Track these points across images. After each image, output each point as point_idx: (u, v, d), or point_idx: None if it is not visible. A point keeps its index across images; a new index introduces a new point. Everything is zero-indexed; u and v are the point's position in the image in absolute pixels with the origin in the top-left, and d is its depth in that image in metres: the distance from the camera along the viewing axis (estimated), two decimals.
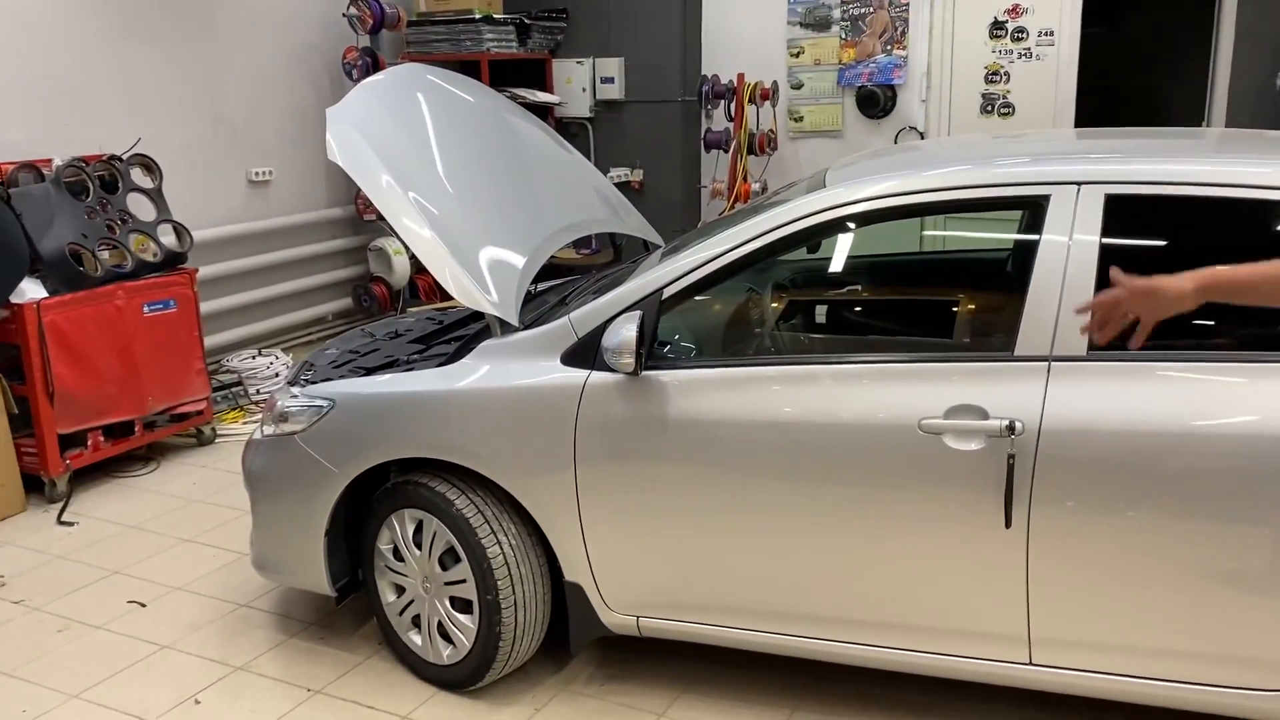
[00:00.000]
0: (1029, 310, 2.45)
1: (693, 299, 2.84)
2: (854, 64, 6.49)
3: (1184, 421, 2.31)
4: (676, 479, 2.69)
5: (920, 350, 2.60)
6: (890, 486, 2.52)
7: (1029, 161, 2.63)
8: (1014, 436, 2.37)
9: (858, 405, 2.54)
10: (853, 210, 2.67)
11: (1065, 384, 2.39)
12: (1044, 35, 6.05)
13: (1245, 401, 2.30)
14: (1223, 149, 2.83)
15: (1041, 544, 2.41)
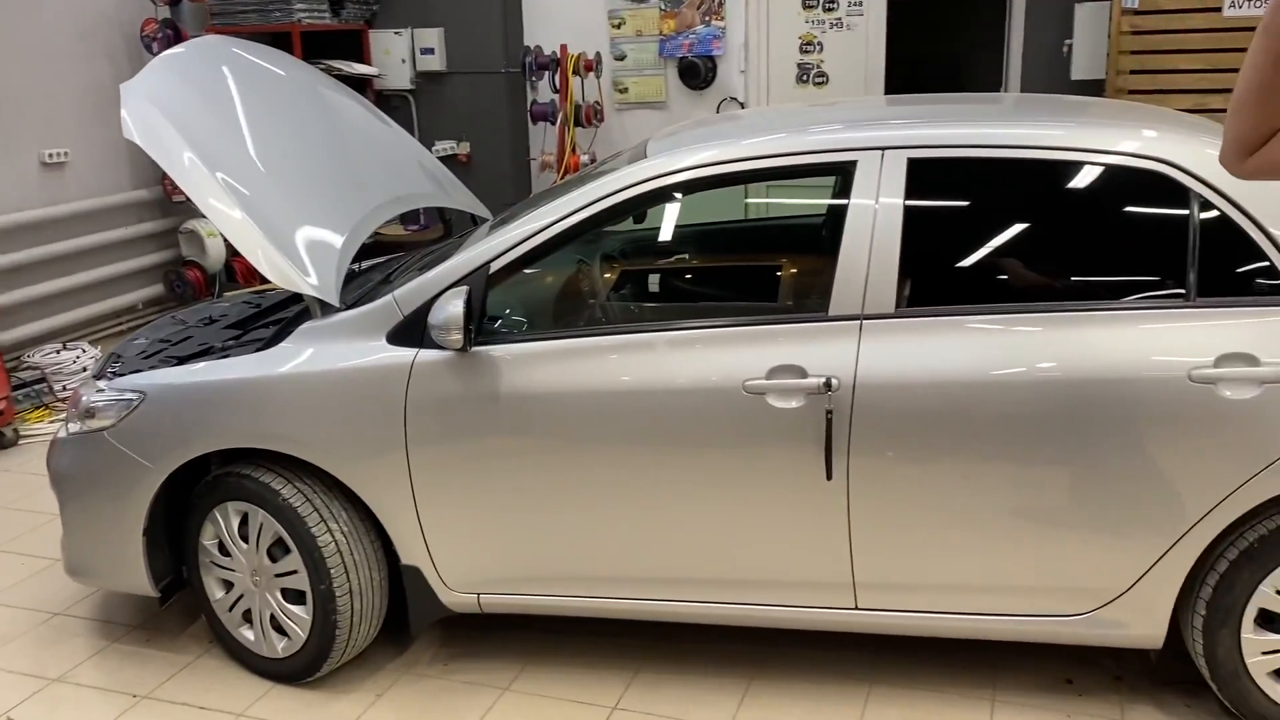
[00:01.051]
0: (841, 272, 2.55)
1: (521, 272, 2.82)
2: (674, 35, 6.56)
3: (989, 370, 2.45)
4: (511, 454, 2.68)
5: (745, 315, 2.66)
6: (719, 446, 2.58)
7: (837, 129, 2.72)
8: (831, 393, 2.47)
9: (685, 370, 2.59)
10: (675, 180, 2.71)
11: (876, 341, 2.50)
12: (854, 6, 6.26)
13: (1044, 350, 2.46)
14: (1018, 113, 3.00)
15: (861, 493, 2.52)
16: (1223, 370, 2.34)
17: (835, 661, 2.94)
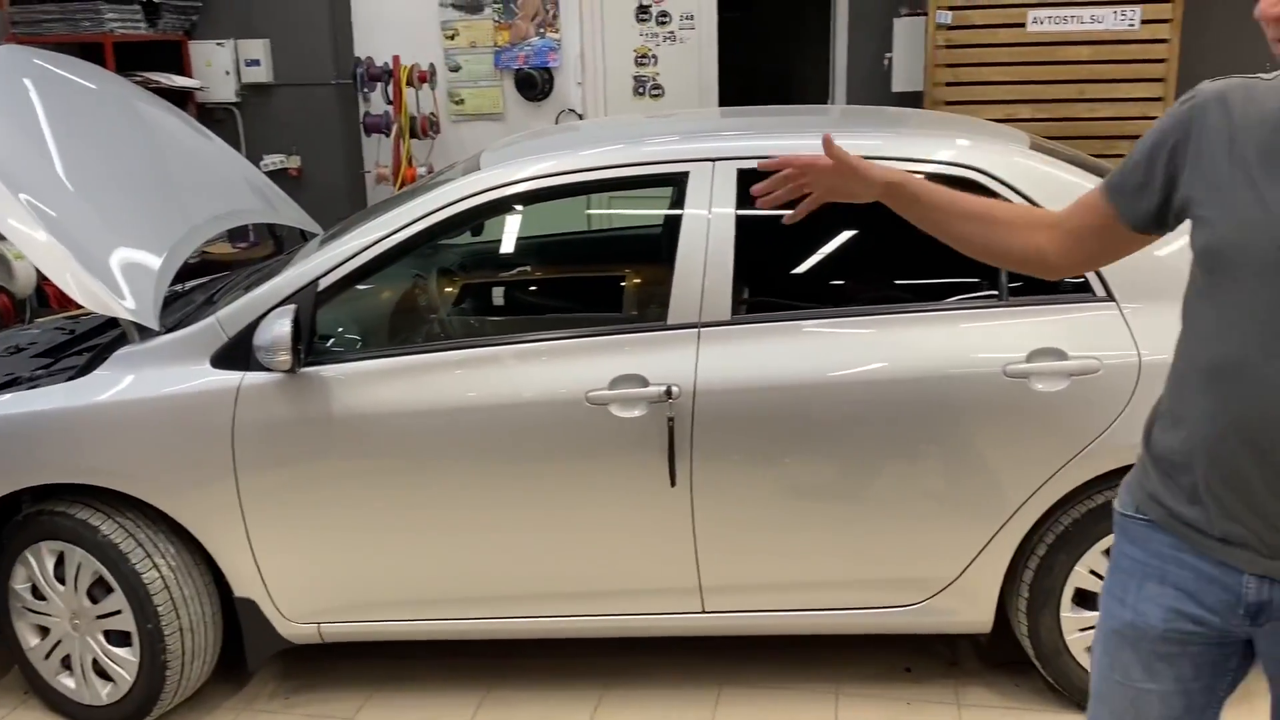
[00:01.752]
0: (677, 281, 2.59)
1: (354, 288, 2.75)
2: (509, 47, 6.53)
3: (822, 372, 2.53)
4: (348, 477, 2.61)
5: (586, 326, 2.67)
6: (564, 459, 2.57)
7: (671, 140, 2.76)
8: (671, 400, 2.50)
9: (527, 383, 2.58)
10: (511, 191, 2.69)
11: (714, 348, 2.55)
12: (685, 19, 6.37)
13: (874, 350, 2.55)
14: (842, 124, 3.11)
15: (705, 498, 2.56)
16: (1034, 365, 2.48)
17: (686, 666, 2.97)
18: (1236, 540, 1.40)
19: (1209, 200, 1.39)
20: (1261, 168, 1.34)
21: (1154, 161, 1.47)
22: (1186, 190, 1.43)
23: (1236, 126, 1.38)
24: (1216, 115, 1.40)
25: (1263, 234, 1.32)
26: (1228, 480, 1.38)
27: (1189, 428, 1.42)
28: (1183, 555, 1.46)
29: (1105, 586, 1.58)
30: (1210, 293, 1.39)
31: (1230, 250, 1.35)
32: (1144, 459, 1.54)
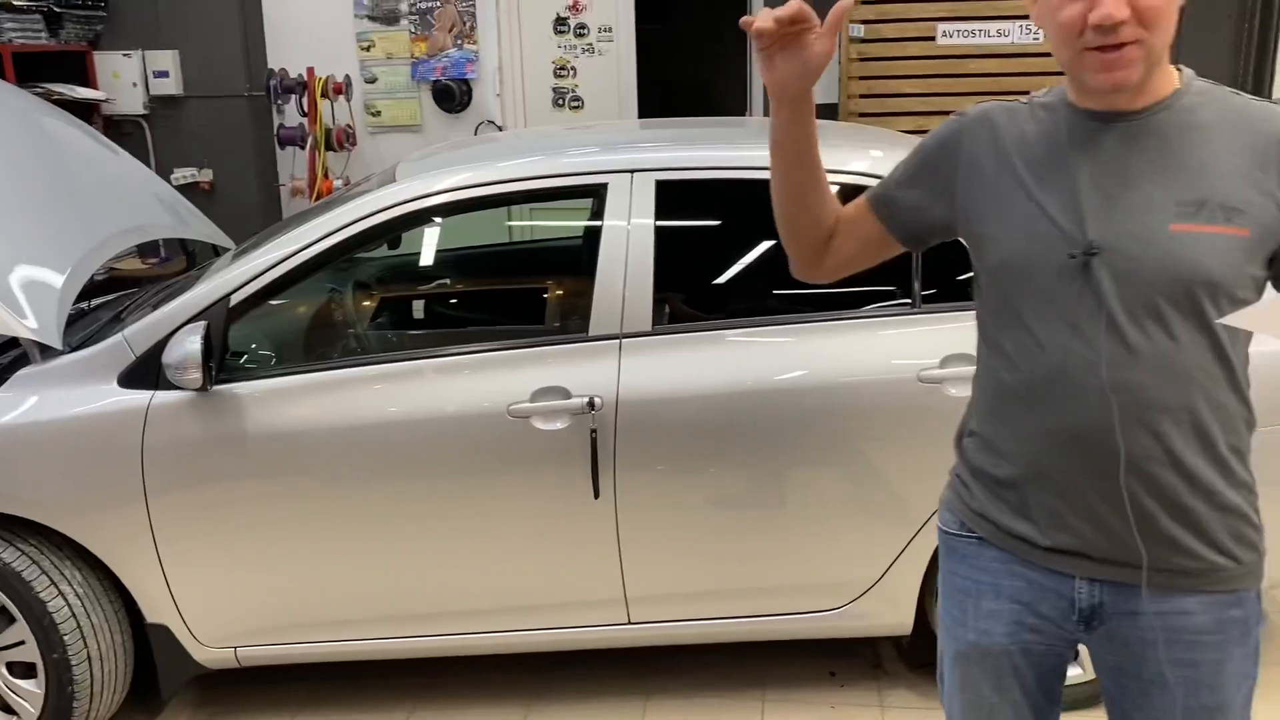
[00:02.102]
0: (599, 293, 2.59)
1: (267, 303, 2.69)
2: (426, 59, 6.47)
3: (744, 381, 2.55)
4: (264, 497, 2.55)
5: (508, 338, 2.65)
6: (486, 473, 2.55)
7: (590, 151, 2.77)
8: (594, 412, 2.50)
9: (448, 398, 2.55)
10: (429, 203, 2.66)
11: (636, 359, 2.55)
12: (604, 31, 6.39)
13: (794, 358, 2.58)
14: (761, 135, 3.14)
15: (628, 509, 2.56)
16: (947, 370, 2.53)
17: (613, 678, 2.96)
18: (1067, 548, 1.42)
19: (991, 217, 1.43)
20: (1035, 182, 1.39)
21: (921, 178, 1.52)
22: (962, 209, 1.47)
23: (1004, 146, 1.43)
24: (985, 135, 1.46)
25: (1053, 244, 1.36)
26: (1059, 491, 1.40)
27: (1013, 445, 1.44)
28: (1014, 567, 1.47)
29: (942, 608, 1.60)
30: (1011, 309, 1.41)
31: (1025, 264, 1.38)
32: (963, 476, 1.55)
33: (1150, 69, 1.32)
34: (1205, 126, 1.35)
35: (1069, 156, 1.38)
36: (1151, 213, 1.33)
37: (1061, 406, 1.37)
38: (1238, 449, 1.40)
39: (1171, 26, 1.31)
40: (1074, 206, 1.36)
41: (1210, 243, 1.31)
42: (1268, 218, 1.32)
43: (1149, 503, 1.36)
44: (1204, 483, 1.37)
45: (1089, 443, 1.36)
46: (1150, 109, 1.36)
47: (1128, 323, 1.33)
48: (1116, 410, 1.34)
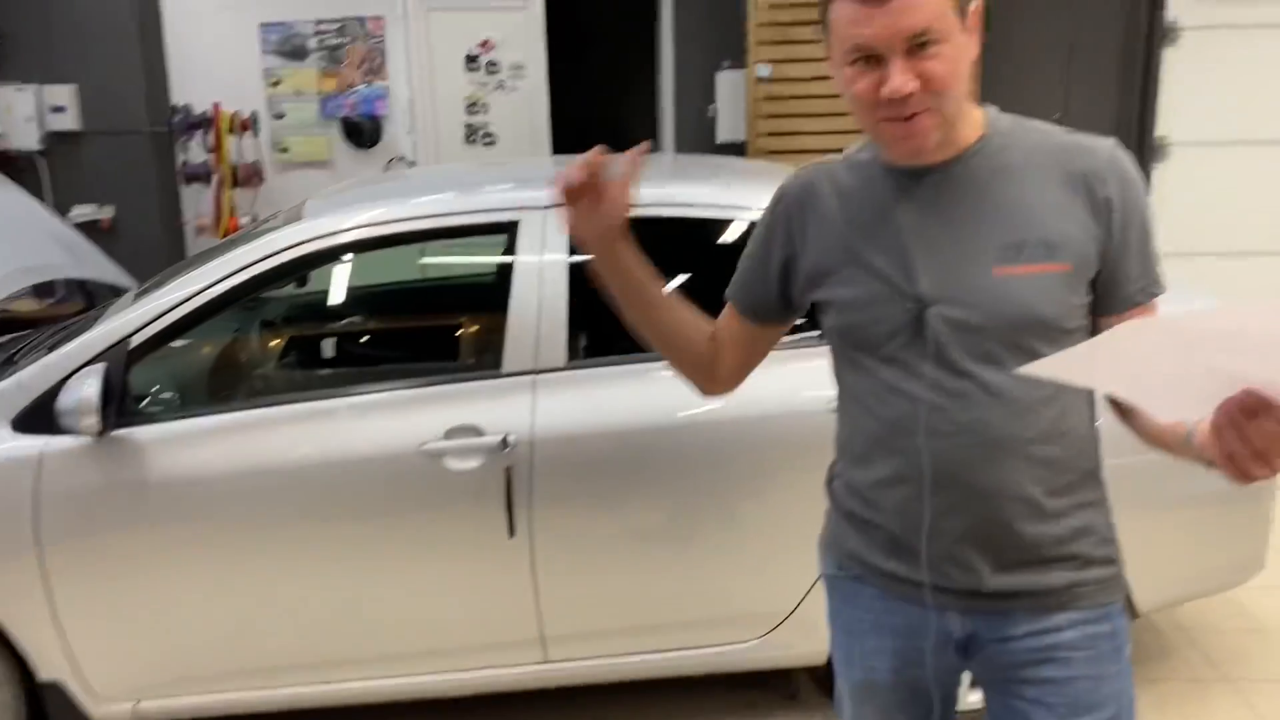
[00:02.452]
0: (512, 329, 2.58)
1: (170, 345, 2.62)
2: (336, 94, 6.42)
3: (661, 414, 2.55)
4: (167, 544, 2.46)
5: (420, 376, 2.62)
6: (400, 514, 2.51)
7: (502, 188, 2.76)
8: (508, 450, 2.48)
9: (359, 438, 2.50)
10: (338, 241, 2.62)
11: (550, 395, 2.54)
12: (515, 68, 6.42)
13: None
14: (673, 172, 3.19)
15: (545, 546, 2.54)
16: None
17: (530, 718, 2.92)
18: (935, 584, 1.45)
19: (827, 282, 1.46)
20: (862, 241, 1.42)
21: (764, 264, 1.55)
22: (803, 279, 1.50)
23: (829, 211, 1.47)
24: (809, 204, 1.49)
25: (887, 300, 1.40)
26: (918, 531, 1.44)
27: (873, 489, 1.48)
28: (891, 604, 1.50)
29: (833, 645, 1.63)
30: (858, 363, 1.46)
31: (865, 324, 1.42)
32: (835, 517, 1.59)
33: (948, 129, 1.35)
34: (1015, 166, 1.38)
35: (891, 212, 1.41)
36: (975, 259, 1.36)
37: (912, 451, 1.41)
38: (1087, 470, 1.45)
39: (963, 86, 1.33)
40: (901, 261, 1.39)
41: (1034, 283, 1.35)
42: (1085, 249, 1.36)
43: (1005, 536, 1.41)
44: (1054, 510, 1.41)
45: (941, 484, 1.40)
46: (959, 157, 1.39)
47: (966, 367, 1.36)
48: (964, 451, 1.38)
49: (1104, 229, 1.37)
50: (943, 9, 1.28)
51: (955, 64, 1.31)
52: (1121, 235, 1.37)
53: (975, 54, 1.35)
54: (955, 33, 1.30)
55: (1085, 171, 1.37)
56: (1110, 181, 1.37)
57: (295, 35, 6.36)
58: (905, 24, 1.26)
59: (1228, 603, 3.33)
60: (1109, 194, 1.36)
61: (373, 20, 6.33)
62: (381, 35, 6.33)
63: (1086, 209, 1.36)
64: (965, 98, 1.36)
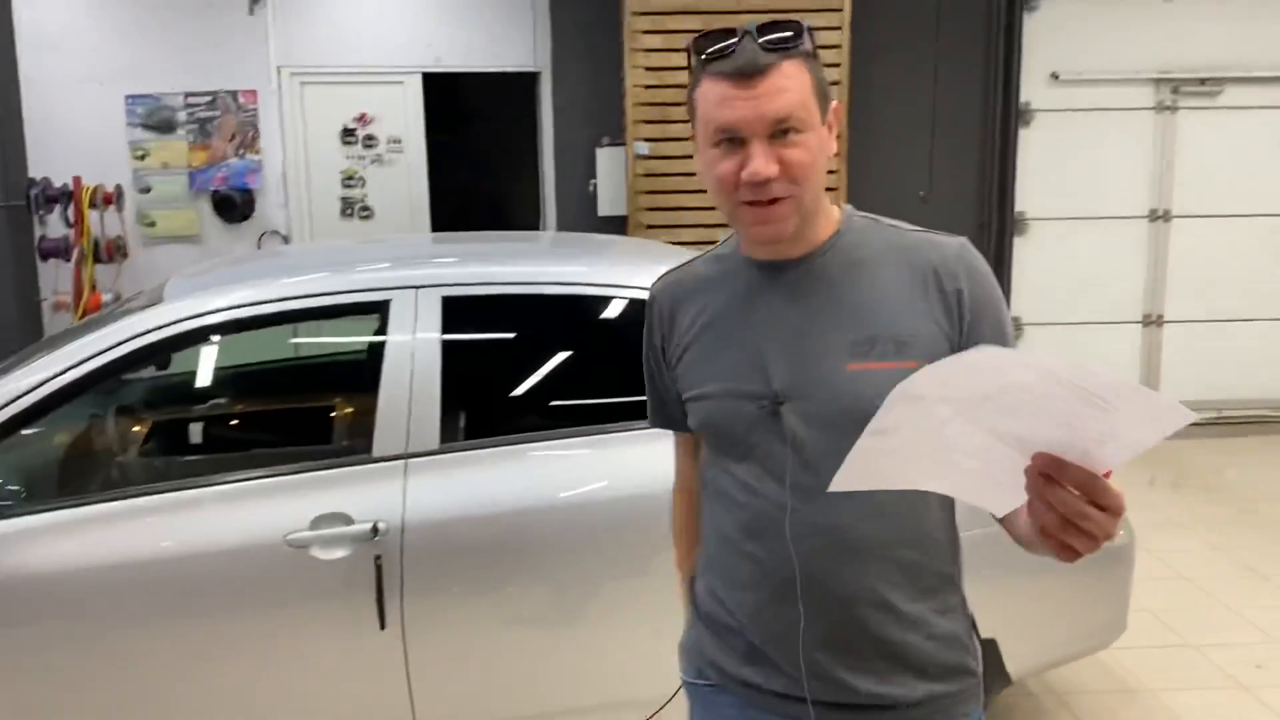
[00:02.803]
0: (382, 411, 2.51)
1: (18, 434, 2.47)
2: (206, 168, 6.27)
3: (535, 496, 2.51)
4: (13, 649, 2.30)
5: (287, 462, 2.53)
6: (265, 608, 2.40)
7: (375, 268, 2.72)
8: (378, 538, 2.40)
9: (221, 530, 2.39)
10: (201, 324, 2.53)
11: (423, 479, 2.48)
12: (393, 143, 6.39)
13: (589, 471, 2.57)
14: (552, 251, 3.19)
15: (418, 636, 2.45)
16: None
17: None
18: (792, 693, 1.42)
19: (693, 382, 1.46)
20: (723, 341, 1.43)
21: (658, 370, 1.56)
22: (678, 381, 1.50)
23: (692, 312, 1.47)
24: (673, 308, 1.50)
25: (745, 397, 1.39)
26: (774, 637, 1.41)
27: (732, 591, 1.45)
28: (749, 712, 1.46)
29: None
30: (723, 461, 1.45)
31: (723, 420, 1.42)
32: (696, 623, 1.55)
33: (805, 219, 1.36)
34: (868, 262, 1.39)
35: (749, 309, 1.42)
36: (828, 356, 1.36)
37: (768, 553, 1.39)
38: (946, 575, 1.43)
39: (820, 180, 1.35)
40: (758, 359, 1.39)
41: (886, 379, 1.29)
42: (936, 345, 1.34)
43: (862, 644, 1.38)
44: (912, 616, 1.39)
45: (796, 588, 1.37)
46: (814, 253, 1.40)
47: (822, 466, 1.32)
48: (821, 555, 1.36)
49: (954, 325, 1.36)
50: (806, 100, 1.31)
51: (814, 155, 1.33)
52: (972, 329, 1.36)
53: (833, 151, 1.37)
54: (817, 126, 1.33)
55: (935, 267, 1.37)
56: (960, 276, 1.37)
57: (163, 108, 6.21)
58: (770, 109, 1.28)
59: (1096, 664, 3.43)
60: (959, 287, 1.36)
61: (245, 93, 6.23)
62: (254, 108, 6.24)
63: (938, 305, 1.36)
64: (822, 193, 1.38)
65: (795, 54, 1.31)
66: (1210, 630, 3.73)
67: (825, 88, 1.35)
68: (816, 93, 1.33)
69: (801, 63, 1.31)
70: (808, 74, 1.32)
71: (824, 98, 1.34)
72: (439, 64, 6.34)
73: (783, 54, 1.29)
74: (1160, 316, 6.48)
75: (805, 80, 1.31)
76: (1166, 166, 6.35)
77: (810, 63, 1.33)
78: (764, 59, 1.28)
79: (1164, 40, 6.23)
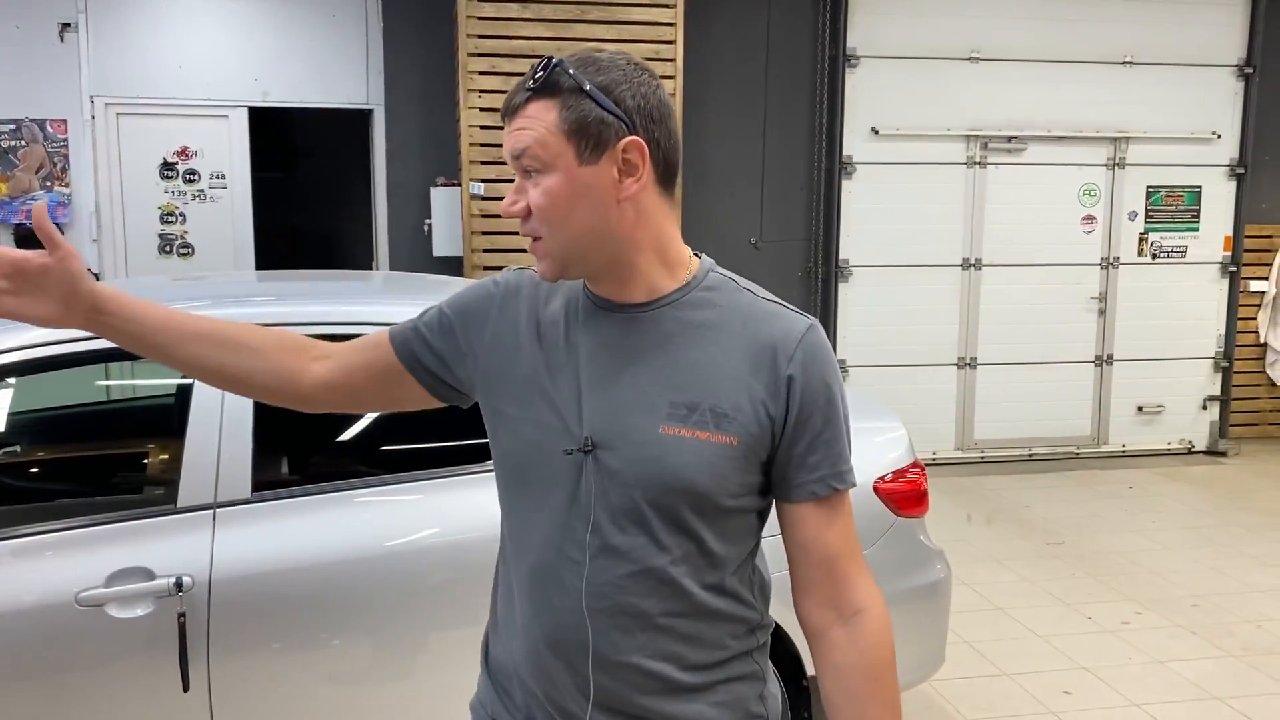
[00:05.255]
0: (189, 458, 2.37)
1: None
2: (8, 200, 5.86)
3: (356, 545, 2.41)
4: None
5: (86, 513, 2.34)
6: (54, 674, 2.21)
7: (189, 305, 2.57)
8: (183, 593, 2.24)
9: (5, 587, 2.19)
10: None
11: (233, 530, 2.34)
12: (216, 178, 6.13)
13: (418, 516, 2.49)
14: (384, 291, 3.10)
15: (226, 699, 2.30)
16: None
17: None
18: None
19: (506, 396, 1.35)
20: (547, 368, 1.32)
21: (450, 333, 1.41)
22: (482, 379, 1.39)
23: (526, 324, 1.36)
24: (511, 310, 1.38)
25: (555, 434, 1.29)
26: (549, 695, 1.32)
27: (514, 640, 1.35)
28: None
29: None
30: (516, 494, 1.35)
31: (530, 451, 1.31)
32: (483, 677, 1.46)
33: (577, 262, 1.27)
34: (708, 325, 1.29)
35: (578, 342, 1.32)
36: (644, 412, 1.26)
37: (545, 604, 1.30)
38: (739, 650, 1.34)
39: (570, 231, 1.25)
40: (575, 398, 1.29)
41: (697, 449, 1.25)
42: (754, 427, 1.26)
43: (630, 711, 1.30)
44: (686, 697, 1.30)
45: (565, 646, 1.29)
46: (651, 303, 1.30)
47: (609, 523, 1.26)
48: (593, 616, 1.27)
49: (781, 408, 1.27)
50: (545, 138, 1.22)
51: (557, 198, 1.23)
52: (799, 417, 1.27)
53: (621, 196, 1.25)
54: (566, 167, 1.23)
55: (774, 344, 1.27)
56: (796, 359, 1.27)
57: None
58: (509, 146, 1.26)
59: (919, 696, 3.54)
60: (792, 372, 1.27)
61: (55, 123, 5.88)
62: (65, 138, 5.89)
63: (766, 384, 1.26)
64: (601, 240, 1.26)
65: (544, 94, 1.23)
66: (1023, 659, 3.90)
67: (587, 126, 1.22)
68: (565, 131, 1.22)
69: (552, 102, 1.22)
70: (555, 113, 1.22)
71: (584, 136, 1.22)
72: (266, 99, 6.14)
73: (531, 93, 1.24)
74: (974, 359, 6.83)
75: (549, 119, 1.22)
76: (978, 217, 6.75)
77: (566, 101, 1.22)
78: (517, 99, 1.25)
79: (974, 99, 6.65)
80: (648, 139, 1.25)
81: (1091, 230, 6.89)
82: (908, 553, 2.89)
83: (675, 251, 1.32)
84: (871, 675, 1.29)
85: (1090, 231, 6.89)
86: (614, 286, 1.30)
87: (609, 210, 1.25)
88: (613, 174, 1.24)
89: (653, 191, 1.28)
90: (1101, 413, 7.03)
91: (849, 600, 1.30)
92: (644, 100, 1.25)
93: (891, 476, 2.83)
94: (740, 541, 1.32)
